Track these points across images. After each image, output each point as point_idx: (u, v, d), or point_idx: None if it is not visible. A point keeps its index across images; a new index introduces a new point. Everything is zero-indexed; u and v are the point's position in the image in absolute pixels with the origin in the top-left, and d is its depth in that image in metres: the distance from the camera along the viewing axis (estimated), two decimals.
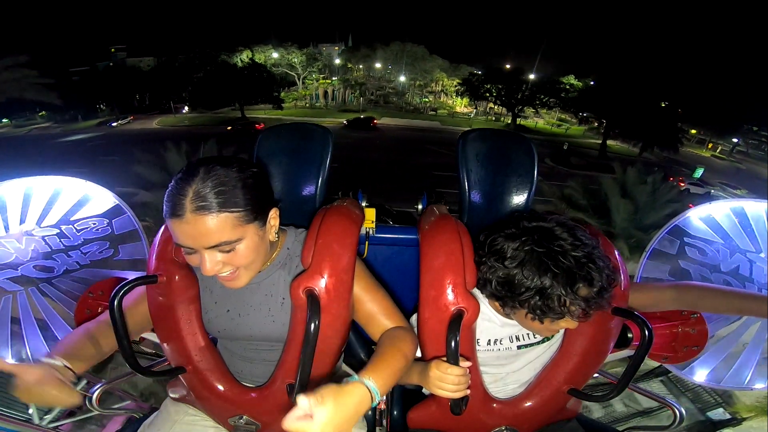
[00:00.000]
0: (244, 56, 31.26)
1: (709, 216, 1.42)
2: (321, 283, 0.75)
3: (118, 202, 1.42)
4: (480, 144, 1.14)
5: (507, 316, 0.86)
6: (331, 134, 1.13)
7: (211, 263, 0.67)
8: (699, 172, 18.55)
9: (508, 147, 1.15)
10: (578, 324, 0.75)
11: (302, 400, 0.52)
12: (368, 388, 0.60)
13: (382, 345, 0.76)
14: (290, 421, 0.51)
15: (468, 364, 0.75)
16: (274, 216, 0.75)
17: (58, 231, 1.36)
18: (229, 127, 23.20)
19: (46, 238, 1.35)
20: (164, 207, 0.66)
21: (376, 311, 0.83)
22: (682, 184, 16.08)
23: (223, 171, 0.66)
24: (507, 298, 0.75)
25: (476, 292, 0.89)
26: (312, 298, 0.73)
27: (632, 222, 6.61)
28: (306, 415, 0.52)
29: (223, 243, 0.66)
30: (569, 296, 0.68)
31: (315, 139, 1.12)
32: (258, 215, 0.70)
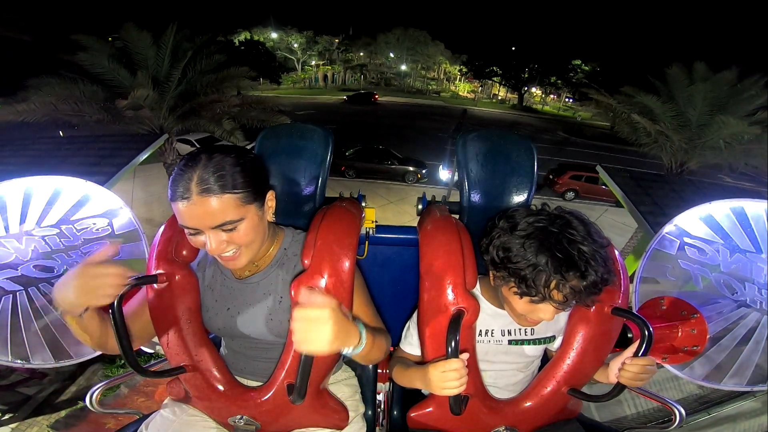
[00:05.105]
0: (242, 37, 30.74)
1: (709, 216, 1.42)
2: (321, 283, 0.75)
3: (118, 202, 1.43)
4: (480, 144, 1.15)
5: (498, 302, 0.88)
6: (332, 135, 1.13)
7: (216, 242, 0.72)
8: None
9: (508, 147, 1.15)
10: (553, 316, 0.75)
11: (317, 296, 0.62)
12: (360, 334, 0.71)
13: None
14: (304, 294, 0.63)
15: (465, 355, 0.74)
16: (270, 198, 0.80)
17: (58, 231, 1.36)
18: None
19: (46, 238, 1.35)
20: (170, 191, 0.70)
21: (358, 314, 0.85)
22: None
23: (224, 156, 0.71)
24: (501, 265, 0.77)
25: (476, 291, 0.89)
26: None
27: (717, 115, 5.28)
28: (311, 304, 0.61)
29: (227, 222, 0.71)
30: (557, 279, 0.70)
31: (315, 139, 1.12)
32: (257, 196, 0.75)
